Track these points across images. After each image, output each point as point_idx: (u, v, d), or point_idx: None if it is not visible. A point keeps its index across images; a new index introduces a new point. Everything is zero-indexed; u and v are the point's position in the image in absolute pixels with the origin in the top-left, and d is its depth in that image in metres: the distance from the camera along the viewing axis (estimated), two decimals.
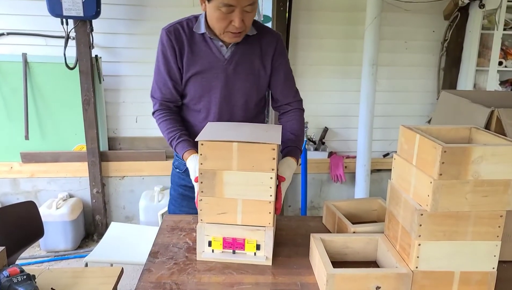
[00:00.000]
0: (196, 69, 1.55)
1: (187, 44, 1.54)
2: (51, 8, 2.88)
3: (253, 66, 1.60)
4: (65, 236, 3.25)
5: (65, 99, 3.32)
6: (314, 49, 3.61)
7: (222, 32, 1.48)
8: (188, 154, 1.51)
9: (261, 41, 1.59)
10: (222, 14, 1.42)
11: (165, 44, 1.55)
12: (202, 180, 1.27)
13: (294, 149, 1.59)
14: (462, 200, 1.09)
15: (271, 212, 1.28)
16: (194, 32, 1.55)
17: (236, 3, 1.39)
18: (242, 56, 1.58)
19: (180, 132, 1.57)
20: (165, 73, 1.57)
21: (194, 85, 1.58)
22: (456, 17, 3.56)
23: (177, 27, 1.55)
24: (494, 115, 1.26)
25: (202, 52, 1.55)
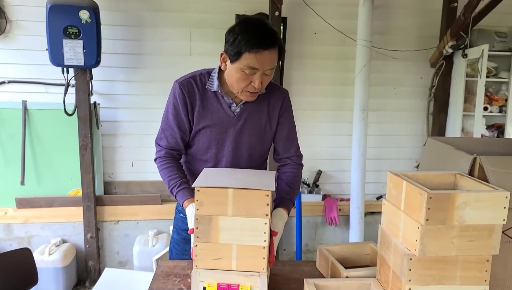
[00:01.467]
0: (206, 123, 1.62)
1: (199, 98, 1.60)
2: (53, 58, 2.98)
3: (261, 122, 1.67)
4: (57, 283, 3.19)
5: (62, 145, 3.37)
6: (307, 95, 3.73)
7: (240, 92, 1.55)
8: (188, 203, 1.54)
9: (269, 98, 1.67)
10: (244, 76, 1.49)
11: (177, 97, 1.60)
12: (198, 226, 1.30)
13: (287, 200, 1.62)
14: (449, 244, 1.13)
15: (265, 257, 1.30)
16: (206, 88, 1.61)
17: (260, 66, 1.47)
18: (251, 114, 1.65)
19: (181, 179, 1.61)
20: (175, 124, 1.62)
21: (203, 137, 1.64)
22: (442, 65, 3.72)
23: (190, 81, 1.61)
24: (477, 162, 1.32)
25: (213, 107, 1.61)
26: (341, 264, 1.45)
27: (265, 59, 1.46)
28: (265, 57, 1.46)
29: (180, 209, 1.83)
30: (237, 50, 1.45)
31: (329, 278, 1.50)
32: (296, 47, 3.64)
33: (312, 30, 3.65)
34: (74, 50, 2.95)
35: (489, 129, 3.83)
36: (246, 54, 1.44)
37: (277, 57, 1.51)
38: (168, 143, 1.65)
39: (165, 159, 1.65)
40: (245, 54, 1.44)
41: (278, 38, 1.51)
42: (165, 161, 1.65)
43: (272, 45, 1.47)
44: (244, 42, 1.43)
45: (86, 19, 2.93)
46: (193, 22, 3.47)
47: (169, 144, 1.65)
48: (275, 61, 1.51)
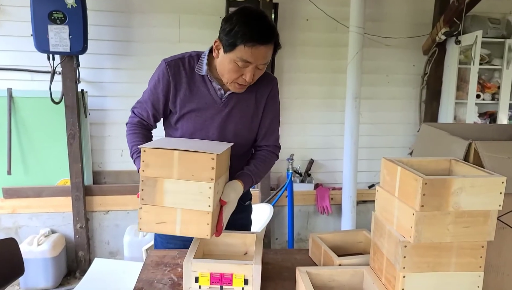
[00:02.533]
0: (191, 107, 1.57)
1: (186, 81, 1.56)
2: (38, 44, 2.91)
3: (248, 110, 1.63)
4: (46, 274, 3.15)
5: (49, 134, 3.31)
6: (299, 83, 3.69)
7: (230, 82, 1.50)
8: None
9: (258, 87, 1.62)
10: (236, 67, 1.44)
11: (161, 76, 1.56)
12: (143, 188, 1.29)
13: (246, 175, 1.58)
14: (444, 231, 1.11)
15: (209, 223, 1.29)
16: (194, 71, 1.57)
17: (254, 60, 1.42)
18: (238, 101, 1.60)
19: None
20: (149, 100, 1.60)
21: (188, 121, 1.59)
22: (434, 52, 3.70)
23: (178, 62, 1.57)
24: (472, 147, 1.29)
25: (200, 92, 1.57)
26: (334, 252, 1.43)
27: (260, 53, 1.42)
28: (260, 52, 1.41)
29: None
30: (232, 41, 1.40)
31: (321, 266, 1.48)
32: (288, 34, 3.58)
33: (304, 17, 3.60)
34: (60, 36, 2.88)
35: (481, 117, 3.83)
36: (241, 46, 1.39)
37: (271, 52, 1.47)
38: (140, 115, 1.65)
39: (134, 125, 1.65)
40: (240, 46, 1.39)
41: (276, 33, 1.47)
42: (134, 127, 1.65)
43: (269, 40, 1.43)
44: (241, 34, 1.38)
45: (71, 3, 2.86)
46: (183, 8, 3.40)
47: (141, 115, 1.65)
48: (269, 56, 1.47)
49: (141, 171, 1.28)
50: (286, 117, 3.72)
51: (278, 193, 3.50)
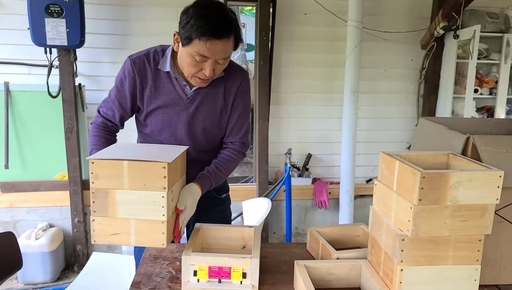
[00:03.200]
0: (158, 104, 1.55)
1: (151, 78, 1.53)
2: (35, 38, 2.89)
3: (216, 106, 1.59)
4: (44, 268, 3.15)
5: (47, 128, 3.29)
6: (297, 77, 3.69)
7: (190, 76, 1.47)
8: None
9: (226, 81, 1.58)
10: (194, 61, 1.41)
11: (126, 73, 1.53)
12: (94, 200, 1.27)
13: (205, 177, 1.55)
14: (442, 224, 1.11)
15: (164, 232, 1.28)
16: (159, 68, 1.54)
17: (211, 55, 1.39)
18: (205, 97, 1.57)
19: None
20: (116, 99, 1.58)
21: (155, 118, 1.58)
22: (433, 46, 3.69)
23: (143, 59, 1.53)
24: (470, 142, 1.29)
25: (165, 88, 1.54)
26: (331, 246, 1.44)
27: (216, 48, 1.37)
28: (217, 47, 1.37)
29: None
30: (187, 35, 1.36)
31: (319, 260, 1.48)
32: (286, 28, 3.57)
33: (302, 11, 3.58)
34: (57, 29, 2.86)
35: (479, 112, 3.83)
36: (197, 41, 1.35)
37: (232, 46, 1.42)
38: (107, 115, 1.62)
39: (98, 127, 1.62)
40: (195, 40, 1.35)
41: (234, 27, 1.40)
42: (97, 129, 1.61)
43: (226, 34, 1.37)
44: (195, 28, 1.34)
45: None
46: (180, 2, 3.32)
47: (107, 115, 1.62)
48: (229, 51, 1.43)
49: (91, 183, 1.25)
50: (284, 112, 3.72)
51: (276, 188, 3.51)
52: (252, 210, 2.94)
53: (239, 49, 8.88)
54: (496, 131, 1.57)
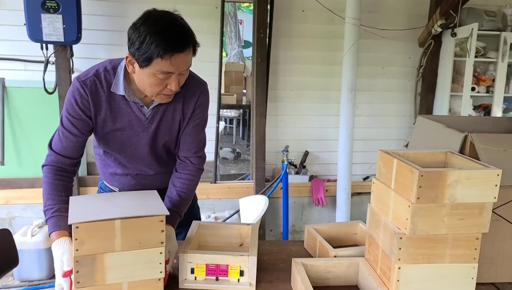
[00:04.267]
0: (115, 126, 1.44)
1: (105, 100, 1.40)
2: (31, 34, 2.87)
3: (174, 121, 1.51)
4: (40, 265, 3.14)
5: (43, 124, 3.28)
6: (294, 75, 3.68)
7: (155, 95, 1.37)
8: (56, 236, 1.26)
9: (184, 94, 1.48)
10: (158, 80, 1.31)
11: (78, 97, 1.38)
12: (78, 269, 1.09)
13: (175, 215, 1.45)
14: (440, 223, 1.11)
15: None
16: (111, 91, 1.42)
17: (175, 70, 1.30)
18: (164, 114, 1.48)
19: (60, 204, 1.35)
20: (72, 126, 1.41)
21: (113, 140, 1.48)
22: (430, 44, 3.70)
23: (94, 80, 1.39)
24: (468, 140, 1.30)
25: (122, 110, 1.43)
26: (329, 244, 1.43)
27: (180, 61, 1.29)
28: (180, 60, 1.28)
29: (101, 185, 1.71)
30: (146, 56, 1.25)
31: (317, 257, 1.48)
32: (284, 25, 3.57)
33: (300, 8, 3.58)
34: (53, 25, 2.84)
35: (476, 110, 3.84)
36: (158, 60, 1.25)
37: (192, 55, 1.33)
38: (63, 149, 1.42)
39: (52, 171, 1.41)
40: (157, 59, 1.25)
41: (191, 34, 1.31)
42: (51, 174, 1.41)
43: (187, 45, 1.29)
44: (154, 46, 1.23)
45: None
46: None
47: (63, 149, 1.42)
48: (190, 60, 1.34)
49: (75, 250, 1.08)
50: (281, 109, 3.72)
51: (273, 185, 3.51)
52: (249, 207, 2.94)
53: (236, 46, 8.89)
54: (494, 129, 1.57)
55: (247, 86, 6.77)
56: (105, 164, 1.61)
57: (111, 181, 1.64)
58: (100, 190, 1.73)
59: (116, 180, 1.61)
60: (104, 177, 1.67)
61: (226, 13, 8.16)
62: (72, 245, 1.09)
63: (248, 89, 6.53)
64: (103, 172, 1.65)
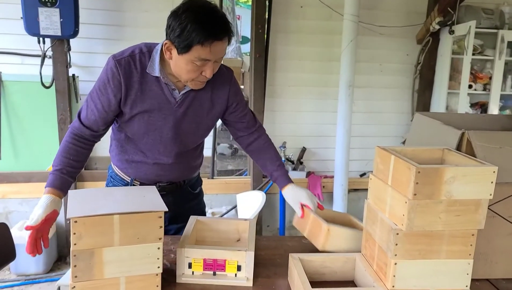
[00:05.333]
0: (144, 107, 1.48)
1: (138, 81, 1.45)
2: (28, 27, 2.85)
3: (202, 109, 1.56)
4: (37, 259, 3.13)
5: (40, 118, 3.27)
6: (292, 70, 3.68)
7: (190, 81, 1.43)
8: (46, 191, 1.37)
9: (213, 83, 1.54)
10: (195, 67, 1.37)
11: (110, 75, 1.43)
12: (76, 263, 1.11)
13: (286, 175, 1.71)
14: (436, 219, 1.12)
15: (159, 285, 1.21)
16: (146, 72, 1.46)
17: (213, 57, 1.36)
18: (193, 100, 1.53)
19: (67, 167, 1.44)
20: (99, 102, 1.46)
21: (139, 122, 1.51)
22: (428, 41, 3.70)
23: (128, 60, 1.44)
24: (465, 137, 1.30)
25: (152, 92, 1.47)
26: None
27: (218, 49, 1.36)
28: (218, 48, 1.35)
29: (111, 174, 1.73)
30: (187, 43, 1.31)
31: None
32: (282, 21, 3.56)
33: (298, 4, 3.57)
34: (51, 19, 2.82)
35: (472, 107, 3.85)
36: (198, 46, 1.31)
37: (227, 43, 1.40)
38: (87, 119, 1.49)
39: (71, 135, 1.49)
40: (196, 46, 1.31)
41: (230, 24, 1.38)
42: (71, 136, 1.49)
43: (226, 34, 1.35)
44: (195, 34, 1.29)
45: None
46: None
47: (88, 120, 1.49)
48: (226, 49, 1.41)
49: (73, 244, 1.09)
50: (278, 105, 3.72)
51: (270, 181, 3.51)
52: (247, 203, 2.94)
53: (234, 41, 8.86)
54: (490, 127, 1.57)
55: (245, 82, 6.74)
56: (122, 151, 1.62)
57: (126, 169, 1.65)
58: (109, 178, 1.74)
59: (132, 167, 1.62)
60: (119, 164, 1.66)
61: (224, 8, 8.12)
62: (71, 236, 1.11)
63: (246, 85, 6.50)
64: (119, 159, 1.65)
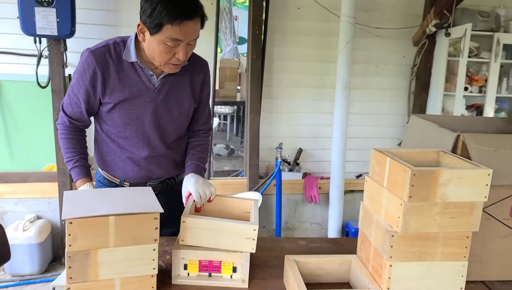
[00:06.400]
0: (123, 96, 1.49)
1: (115, 70, 1.47)
2: (24, 27, 2.83)
3: (182, 95, 1.58)
4: (32, 260, 3.12)
5: (35, 118, 3.26)
6: (289, 72, 3.68)
7: (163, 64, 1.44)
8: (81, 183, 1.54)
9: (191, 70, 1.58)
10: (167, 48, 1.38)
11: (86, 66, 1.47)
12: (70, 265, 1.10)
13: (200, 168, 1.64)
14: (431, 221, 1.12)
15: (154, 286, 1.21)
16: (122, 59, 1.48)
17: (184, 38, 1.38)
18: (172, 86, 1.55)
19: (79, 155, 1.57)
20: (80, 95, 1.50)
21: (120, 112, 1.52)
22: (424, 44, 3.71)
23: (103, 50, 1.47)
24: (460, 139, 1.31)
25: (131, 80, 1.49)
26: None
27: (189, 29, 1.37)
28: (189, 28, 1.36)
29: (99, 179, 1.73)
30: (157, 22, 1.33)
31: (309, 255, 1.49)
32: (279, 22, 3.56)
33: (295, 5, 3.57)
34: (47, 18, 2.81)
35: (468, 109, 3.88)
36: (168, 26, 1.33)
37: (200, 26, 1.42)
38: (73, 112, 1.55)
39: (66, 128, 1.57)
40: (167, 25, 1.33)
41: (200, 5, 1.40)
42: (66, 131, 1.57)
43: (196, 14, 1.37)
44: (165, 13, 1.32)
45: None
46: None
47: (74, 113, 1.55)
48: (198, 31, 1.42)
49: (68, 245, 1.09)
50: (275, 106, 3.72)
51: (266, 182, 3.52)
52: None
53: (231, 42, 8.86)
54: (486, 129, 1.58)
55: (241, 83, 6.75)
56: (107, 152, 1.62)
57: (113, 171, 1.64)
58: (98, 183, 1.73)
59: (119, 167, 1.62)
60: (105, 167, 1.66)
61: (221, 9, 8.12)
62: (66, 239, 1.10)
63: (243, 86, 6.52)
64: (104, 162, 1.65)
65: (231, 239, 1.27)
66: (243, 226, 1.27)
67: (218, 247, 1.28)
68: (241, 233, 1.27)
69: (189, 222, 1.27)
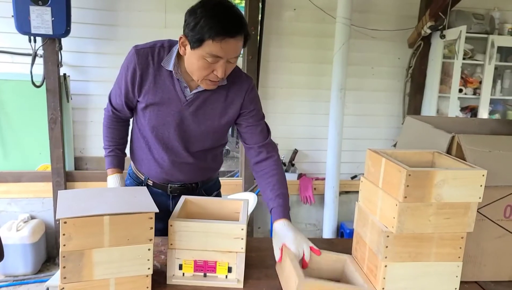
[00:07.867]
0: (155, 100, 1.50)
1: (152, 73, 1.48)
2: (19, 26, 2.82)
3: (213, 113, 1.54)
4: (25, 260, 3.11)
5: (30, 118, 3.24)
6: (284, 72, 3.69)
7: (201, 80, 1.42)
8: (111, 172, 1.64)
9: (229, 89, 1.54)
10: (206, 64, 1.35)
11: (128, 64, 1.50)
12: (65, 265, 1.10)
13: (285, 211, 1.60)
14: (426, 222, 1.13)
15: (149, 287, 1.20)
16: (161, 65, 1.48)
17: (224, 55, 1.33)
18: (204, 102, 1.52)
19: (115, 146, 1.67)
20: (121, 89, 1.55)
21: (150, 114, 1.53)
22: (420, 45, 3.73)
23: (147, 51, 1.48)
24: (455, 141, 1.32)
25: (165, 86, 1.49)
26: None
27: (230, 47, 1.33)
28: (230, 45, 1.32)
29: (129, 171, 1.77)
30: (199, 37, 1.30)
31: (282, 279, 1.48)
32: (275, 23, 3.57)
33: (291, 6, 3.58)
34: (42, 17, 2.80)
35: (462, 111, 3.90)
36: (210, 41, 1.30)
37: (242, 44, 1.38)
38: (116, 103, 1.62)
39: (110, 118, 1.67)
40: (208, 41, 1.30)
41: (245, 23, 1.36)
42: (109, 120, 1.67)
43: (239, 32, 1.33)
44: (208, 28, 1.28)
45: None
46: None
47: (116, 104, 1.62)
48: (240, 49, 1.39)
49: (62, 245, 1.08)
50: (271, 106, 3.72)
51: None
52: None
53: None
54: (480, 130, 1.59)
55: None
56: (137, 147, 1.67)
57: (140, 166, 1.69)
58: (128, 176, 1.78)
59: (144, 164, 1.66)
60: (134, 162, 1.72)
61: None
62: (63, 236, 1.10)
63: None
64: (134, 156, 1.71)
65: (220, 239, 1.26)
66: (231, 226, 1.27)
67: (207, 248, 1.27)
68: (229, 233, 1.26)
69: (176, 225, 1.25)
